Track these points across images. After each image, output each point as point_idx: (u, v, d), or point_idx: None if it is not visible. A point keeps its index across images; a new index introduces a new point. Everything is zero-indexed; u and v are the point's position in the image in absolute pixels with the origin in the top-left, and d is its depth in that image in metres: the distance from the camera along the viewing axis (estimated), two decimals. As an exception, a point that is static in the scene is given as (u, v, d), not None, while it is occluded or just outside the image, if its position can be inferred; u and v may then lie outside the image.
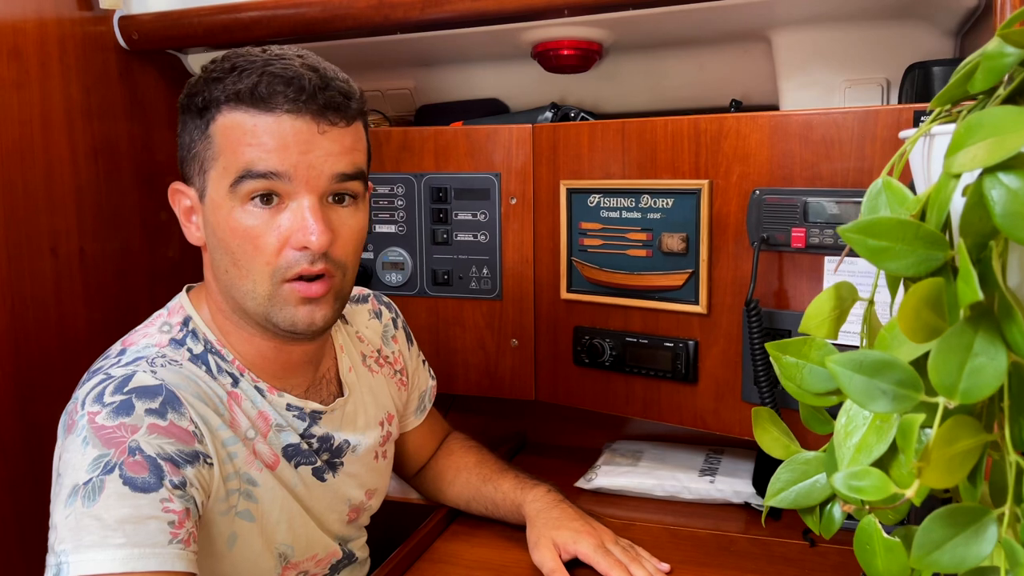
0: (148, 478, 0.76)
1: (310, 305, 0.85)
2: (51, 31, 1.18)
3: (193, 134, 0.85)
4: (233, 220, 0.82)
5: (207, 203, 0.85)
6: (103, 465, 0.75)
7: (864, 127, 0.99)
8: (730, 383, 1.12)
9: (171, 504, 0.76)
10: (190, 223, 0.90)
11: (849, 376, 0.44)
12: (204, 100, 0.83)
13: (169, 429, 0.79)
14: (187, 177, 0.88)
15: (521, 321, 1.32)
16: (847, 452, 0.49)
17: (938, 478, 0.42)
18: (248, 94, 0.81)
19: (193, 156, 0.86)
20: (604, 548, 1.01)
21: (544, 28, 1.25)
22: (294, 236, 0.82)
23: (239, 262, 0.84)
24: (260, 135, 0.81)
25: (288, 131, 0.81)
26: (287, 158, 0.81)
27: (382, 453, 1.08)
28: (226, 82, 0.82)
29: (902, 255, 0.43)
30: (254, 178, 0.81)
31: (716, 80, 1.37)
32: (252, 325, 0.89)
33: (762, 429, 0.60)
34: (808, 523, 0.58)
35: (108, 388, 0.80)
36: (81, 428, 0.78)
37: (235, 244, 0.83)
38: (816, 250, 1.02)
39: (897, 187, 0.49)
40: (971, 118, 0.42)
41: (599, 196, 1.20)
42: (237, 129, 0.81)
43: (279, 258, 0.83)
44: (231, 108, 0.82)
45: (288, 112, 0.81)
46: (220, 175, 0.83)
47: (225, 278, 0.86)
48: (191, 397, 0.83)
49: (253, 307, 0.85)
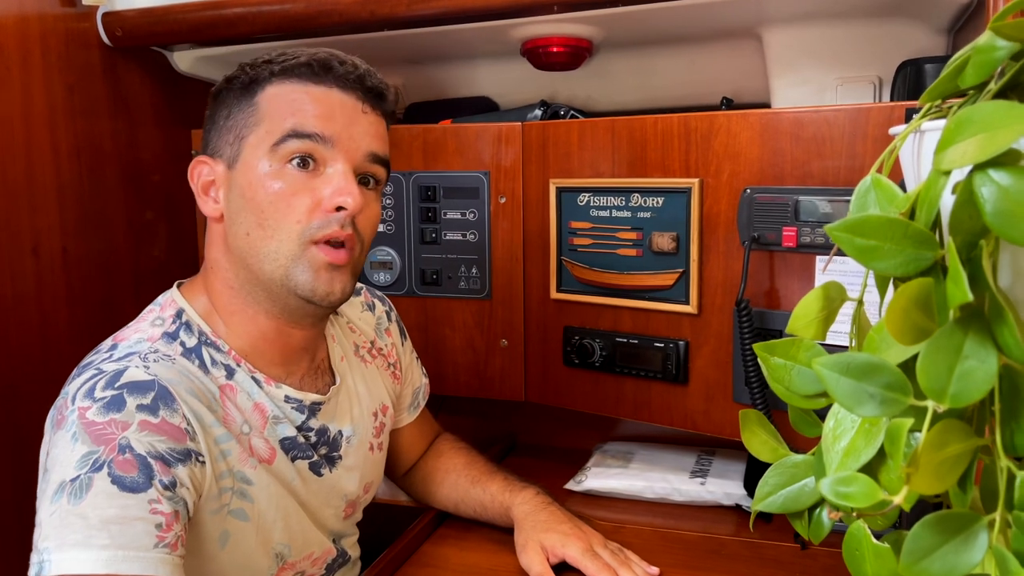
0: (137, 477, 0.74)
1: (331, 273, 0.86)
2: (33, 27, 1.16)
3: (233, 108, 0.88)
4: (268, 180, 0.84)
5: (239, 167, 0.86)
6: (92, 462, 0.74)
7: (856, 125, 0.98)
8: (721, 384, 1.11)
9: (159, 506, 0.75)
10: (208, 196, 0.90)
11: (836, 379, 0.43)
12: (250, 77, 0.88)
13: (160, 426, 0.78)
14: (216, 150, 0.89)
15: (511, 321, 1.31)
16: (835, 456, 0.47)
17: (928, 484, 0.41)
18: (303, 67, 0.86)
19: (229, 127, 0.88)
20: (593, 552, 1.00)
21: (533, 25, 1.23)
22: (330, 198, 0.85)
23: (267, 221, 0.84)
24: (309, 102, 0.86)
25: (336, 102, 0.87)
26: (332, 125, 0.86)
27: (377, 445, 1.07)
28: (277, 60, 0.88)
29: (891, 254, 0.42)
30: (299, 138, 0.84)
31: (707, 78, 1.36)
32: (259, 302, 0.89)
33: (750, 432, 0.59)
34: (797, 528, 0.57)
35: (99, 383, 0.78)
36: (71, 424, 0.76)
37: (267, 202, 0.84)
38: (807, 249, 1.01)
39: (886, 184, 0.47)
40: (961, 113, 0.41)
41: (589, 195, 1.19)
42: (286, 96, 0.86)
43: (310, 218, 0.85)
44: (282, 80, 0.87)
45: (339, 87, 0.87)
46: (261, 138, 0.85)
47: (244, 242, 0.86)
48: (184, 393, 0.82)
49: (271, 270, 0.86)
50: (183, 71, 1.42)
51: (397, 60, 1.47)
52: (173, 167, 1.43)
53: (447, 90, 1.53)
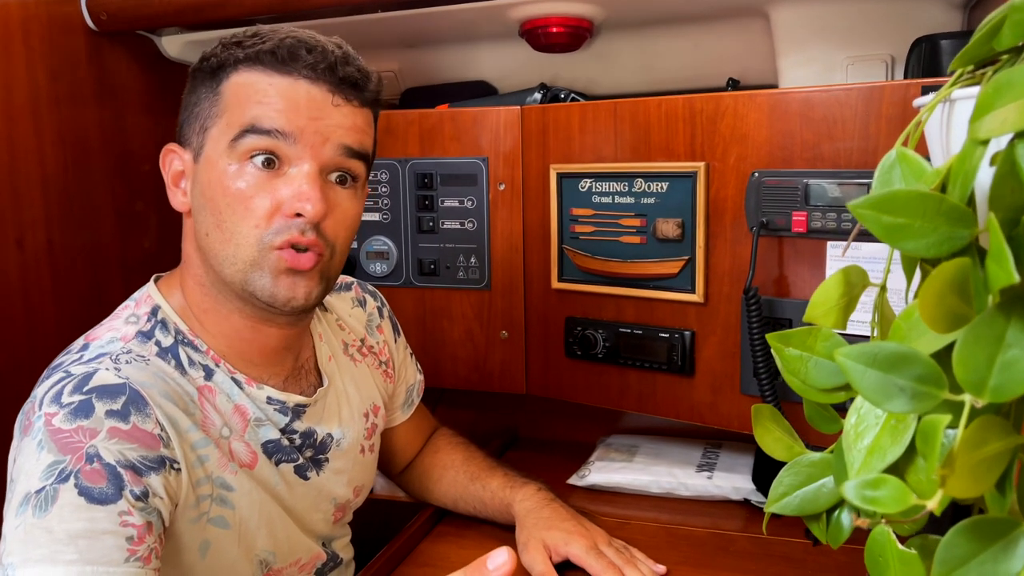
0: (106, 488, 0.70)
1: (293, 277, 0.80)
2: (14, 12, 1.12)
3: (200, 93, 0.82)
4: (227, 178, 0.78)
5: (201, 161, 0.81)
6: (57, 472, 0.70)
7: (868, 105, 0.94)
8: (728, 375, 1.07)
9: (130, 518, 0.71)
10: (177, 188, 0.85)
11: (862, 371, 0.39)
12: (219, 61, 0.81)
13: (131, 433, 0.74)
14: (184, 139, 0.84)
15: (511, 312, 1.27)
16: (858, 455, 0.43)
17: (963, 486, 0.37)
18: (268, 54, 0.79)
19: (195, 115, 0.82)
20: (597, 550, 0.96)
21: (532, 5, 1.19)
22: (288, 202, 0.78)
23: (224, 224, 0.79)
24: (272, 94, 0.78)
25: (302, 95, 0.79)
26: (296, 120, 0.78)
27: (368, 447, 1.03)
28: (246, 44, 0.80)
29: (922, 233, 0.38)
30: (258, 134, 0.78)
31: (712, 58, 1.32)
32: (230, 300, 0.84)
33: (763, 428, 0.55)
34: (814, 531, 0.53)
35: (67, 387, 0.74)
36: (37, 431, 0.72)
37: (224, 204, 0.78)
38: (818, 235, 0.97)
39: (913, 158, 0.43)
40: (1000, 76, 0.37)
41: (591, 180, 1.15)
42: (249, 87, 0.79)
43: (270, 223, 0.78)
44: (247, 67, 0.80)
45: (305, 77, 0.79)
46: (222, 131, 0.79)
47: (206, 242, 0.81)
48: (158, 396, 0.77)
49: (231, 274, 0.80)
50: (172, 57, 1.38)
51: (392, 43, 1.43)
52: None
53: (444, 74, 1.48)
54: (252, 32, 0.82)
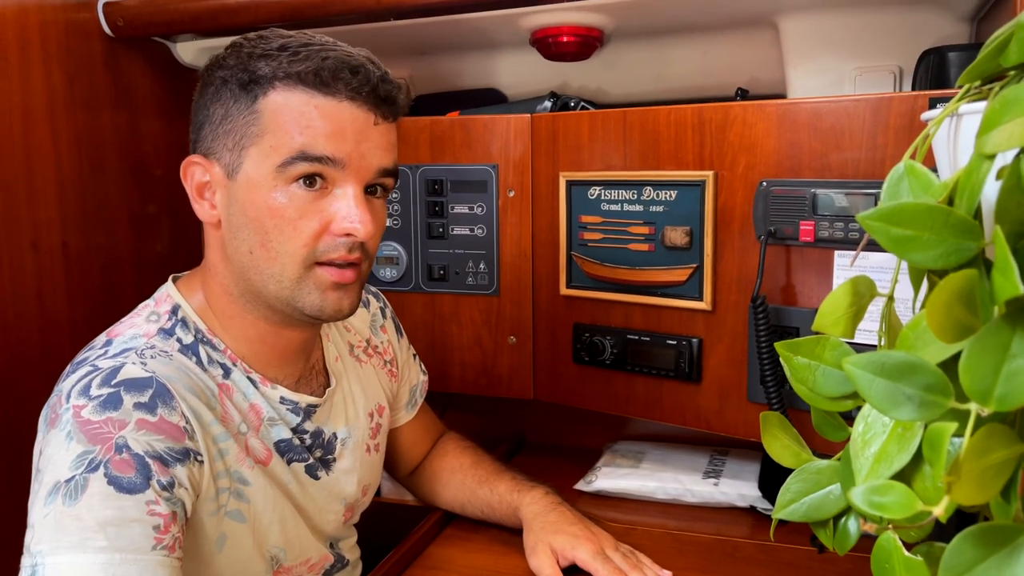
0: (134, 478, 0.72)
1: (339, 291, 0.83)
2: (32, 17, 1.14)
3: (231, 108, 0.81)
4: (273, 200, 0.79)
5: (240, 180, 0.81)
6: (87, 462, 0.71)
7: (876, 115, 0.95)
8: (735, 382, 1.08)
9: (157, 507, 0.73)
10: (203, 199, 0.85)
11: (870, 380, 0.40)
12: (251, 75, 0.80)
13: (158, 425, 0.75)
14: (211, 151, 0.83)
15: (519, 318, 1.28)
16: (865, 462, 0.44)
17: (969, 494, 0.38)
18: (311, 75, 0.79)
19: (227, 131, 0.81)
20: (603, 555, 0.97)
21: (543, 14, 1.20)
22: (338, 222, 0.80)
23: (270, 244, 0.80)
24: (318, 118, 0.79)
25: (347, 118, 0.80)
26: (343, 145, 0.80)
27: (374, 447, 1.05)
28: (280, 60, 0.79)
29: (930, 245, 0.39)
30: (308, 161, 0.79)
31: (721, 68, 1.33)
32: (259, 308, 0.86)
33: (771, 436, 0.55)
34: (821, 537, 0.54)
35: (95, 380, 0.76)
36: (65, 422, 0.74)
37: (271, 224, 0.80)
38: (825, 244, 0.98)
39: (921, 172, 0.44)
40: (1006, 92, 0.38)
41: (600, 188, 1.16)
42: (293, 108, 0.79)
43: (318, 242, 0.81)
44: (288, 86, 0.79)
45: (349, 99, 0.80)
46: (265, 153, 0.79)
47: (247, 259, 0.82)
48: (183, 390, 0.79)
49: (276, 291, 0.82)
50: (186, 62, 1.39)
51: (404, 51, 1.44)
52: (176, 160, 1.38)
53: (455, 81, 1.50)
54: (280, 42, 0.81)
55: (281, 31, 0.84)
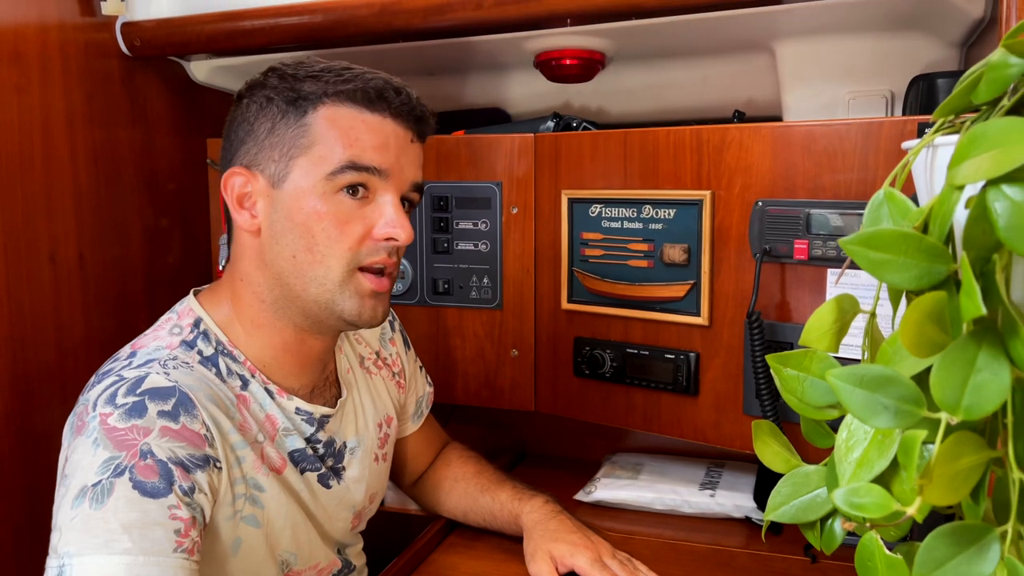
0: (158, 483, 0.75)
1: (375, 299, 0.89)
2: (53, 36, 1.18)
3: (278, 122, 0.87)
4: (321, 206, 0.86)
5: (286, 188, 0.87)
6: (114, 467, 0.75)
7: (868, 139, 0.99)
8: (731, 396, 1.11)
9: (178, 511, 0.76)
10: (244, 209, 0.89)
11: (850, 391, 0.43)
12: (298, 93, 0.87)
13: (181, 432, 0.79)
14: (255, 163, 0.88)
15: (521, 331, 1.31)
16: (848, 467, 0.48)
17: (941, 495, 0.41)
18: (359, 93, 0.87)
19: (274, 143, 0.87)
20: (601, 562, 1.00)
21: (547, 37, 1.24)
22: (381, 227, 0.87)
23: (317, 247, 0.86)
24: (365, 132, 0.86)
25: (391, 133, 0.88)
26: (387, 157, 0.87)
27: (382, 456, 1.08)
28: (324, 81, 0.87)
29: (904, 268, 0.42)
30: (356, 170, 0.86)
31: (719, 90, 1.37)
32: (291, 315, 0.90)
33: (762, 443, 0.59)
34: (809, 538, 0.57)
35: (121, 389, 0.80)
36: (92, 429, 0.77)
37: (319, 228, 0.86)
38: (819, 262, 1.01)
39: (899, 198, 0.48)
40: (975, 129, 0.42)
41: (600, 206, 1.20)
42: (343, 122, 0.86)
43: (361, 246, 0.87)
44: (336, 103, 0.86)
45: (392, 117, 0.88)
46: (314, 163, 0.86)
47: (288, 265, 0.87)
48: (204, 399, 0.83)
49: (317, 294, 0.87)
50: (200, 81, 1.43)
51: (412, 71, 1.48)
52: (188, 175, 1.45)
53: (460, 101, 1.54)
54: (320, 68, 0.88)
55: (316, 59, 0.91)
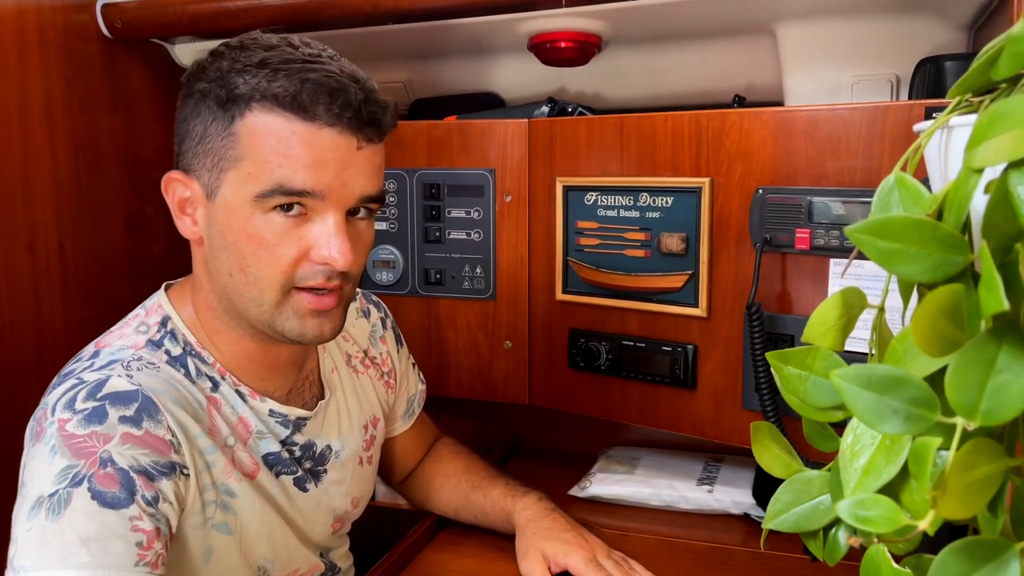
0: (118, 493, 0.71)
1: (319, 317, 0.81)
2: (30, 19, 1.14)
3: (209, 126, 0.78)
4: (251, 227, 0.77)
5: (218, 203, 0.79)
6: (71, 477, 0.71)
7: (873, 124, 0.95)
8: (730, 390, 1.08)
9: (141, 523, 0.72)
10: (185, 215, 0.83)
11: (857, 393, 0.40)
12: (228, 92, 0.76)
13: (144, 439, 0.75)
14: (191, 168, 0.81)
15: (515, 322, 1.28)
16: (853, 475, 0.44)
17: (955, 508, 0.38)
18: (288, 99, 0.75)
19: (206, 150, 0.79)
20: (596, 562, 0.97)
21: (541, 19, 1.20)
22: (316, 251, 0.78)
23: (248, 269, 0.79)
24: (296, 146, 0.75)
25: (327, 146, 0.76)
26: (323, 176, 0.76)
27: (367, 459, 1.04)
28: (258, 77, 0.75)
29: (917, 259, 0.38)
30: (285, 194, 0.76)
31: (719, 75, 1.33)
32: (244, 326, 0.85)
33: (762, 446, 0.55)
34: (811, 548, 0.54)
35: (80, 394, 0.75)
36: (50, 436, 0.73)
37: (249, 250, 0.78)
38: (821, 252, 0.98)
39: (911, 184, 0.44)
40: (995, 107, 0.38)
41: (596, 194, 1.16)
42: (270, 135, 0.75)
43: (296, 269, 0.79)
44: (265, 109, 0.75)
45: (329, 125, 0.76)
46: (243, 179, 0.77)
47: (227, 281, 0.81)
48: (169, 403, 0.79)
49: (257, 314, 0.81)
50: (184, 64, 1.39)
51: (402, 55, 1.44)
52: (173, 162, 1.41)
53: (452, 85, 1.50)
54: (258, 60, 0.76)
55: (265, 39, 0.80)
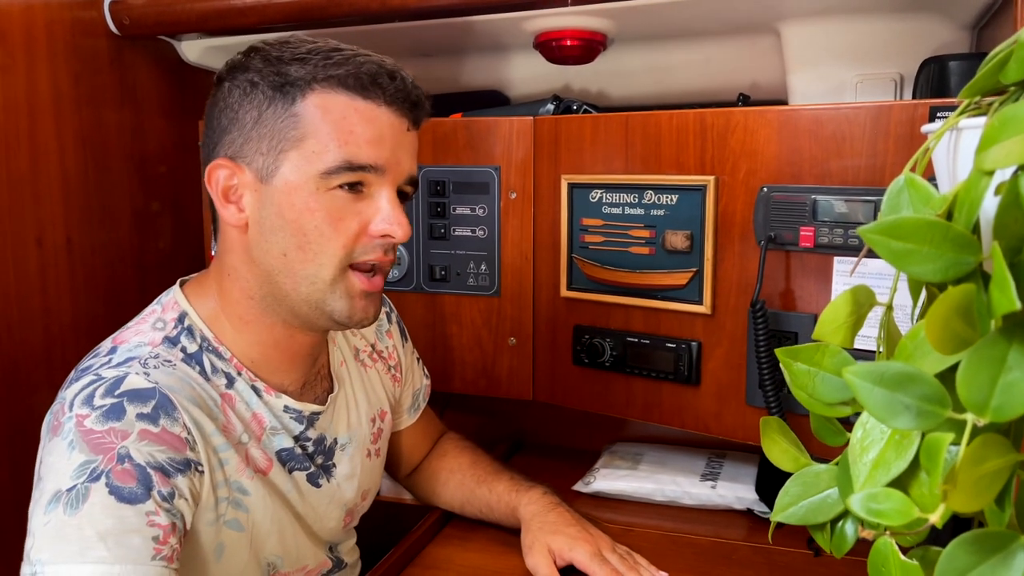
0: (136, 488, 0.72)
1: (366, 300, 0.85)
2: (39, 15, 1.14)
3: (264, 110, 0.80)
4: (315, 202, 0.80)
5: (276, 184, 0.81)
6: (89, 472, 0.72)
7: (877, 123, 0.96)
8: (734, 386, 1.09)
9: (157, 518, 0.73)
10: (230, 203, 0.83)
11: (869, 389, 0.41)
12: (284, 78, 0.80)
13: (161, 436, 0.76)
14: (239, 155, 0.82)
15: (520, 319, 1.29)
16: (863, 468, 0.45)
17: (965, 501, 0.39)
18: (351, 78, 0.80)
19: (261, 134, 0.80)
20: (600, 556, 0.98)
21: (547, 17, 1.21)
22: (375, 225, 0.83)
23: (309, 244, 0.81)
24: (359, 122, 0.80)
25: (386, 123, 0.82)
26: (382, 152, 0.81)
27: (375, 451, 1.05)
28: (311, 64, 0.80)
29: (929, 259, 0.39)
30: (352, 170, 0.80)
31: (723, 73, 1.34)
32: (280, 312, 0.86)
33: (771, 440, 0.56)
34: (819, 540, 0.55)
35: (99, 390, 0.76)
36: (68, 431, 0.74)
37: (312, 226, 0.81)
38: (825, 250, 0.99)
39: (921, 185, 0.45)
40: (1006, 110, 0.39)
41: (601, 191, 1.17)
42: (335, 111, 0.79)
43: (356, 243, 0.83)
44: (325, 89, 0.80)
45: (387, 104, 0.81)
46: (306, 158, 0.80)
47: (278, 262, 0.82)
48: (185, 401, 0.80)
49: (308, 293, 0.83)
50: (191, 61, 1.40)
51: (408, 52, 1.45)
52: (180, 158, 1.42)
53: (458, 83, 1.50)
54: (307, 50, 0.81)
55: (302, 37, 0.84)
